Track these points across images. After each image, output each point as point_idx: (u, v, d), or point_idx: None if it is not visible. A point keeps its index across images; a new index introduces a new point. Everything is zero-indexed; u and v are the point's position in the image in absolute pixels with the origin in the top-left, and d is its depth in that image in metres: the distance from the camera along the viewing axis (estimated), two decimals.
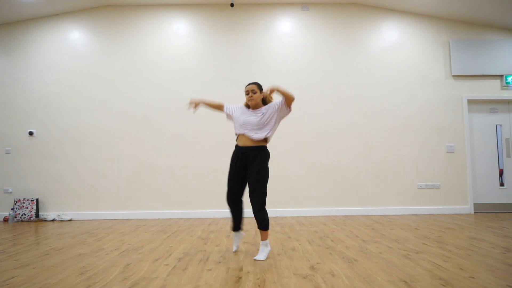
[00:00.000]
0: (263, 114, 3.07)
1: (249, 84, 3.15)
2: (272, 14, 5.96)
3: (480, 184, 5.87)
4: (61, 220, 5.58)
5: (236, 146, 3.14)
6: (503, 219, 5.11)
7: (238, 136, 3.13)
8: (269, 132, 3.06)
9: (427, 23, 6.00)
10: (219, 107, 3.36)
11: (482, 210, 5.83)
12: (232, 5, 5.83)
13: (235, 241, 3.24)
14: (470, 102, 5.93)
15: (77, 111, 5.81)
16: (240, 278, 2.42)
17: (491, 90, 5.92)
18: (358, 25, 5.97)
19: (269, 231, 4.25)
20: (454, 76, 5.92)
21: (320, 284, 2.27)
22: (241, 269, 2.63)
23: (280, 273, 2.53)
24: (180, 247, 3.43)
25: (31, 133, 5.78)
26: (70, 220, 5.61)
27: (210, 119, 5.74)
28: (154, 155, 5.75)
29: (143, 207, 5.68)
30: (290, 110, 3.13)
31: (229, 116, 3.30)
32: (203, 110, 5.76)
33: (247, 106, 3.22)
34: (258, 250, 3.24)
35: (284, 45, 5.92)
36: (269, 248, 3.00)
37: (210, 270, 2.62)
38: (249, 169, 2.99)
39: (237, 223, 3.17)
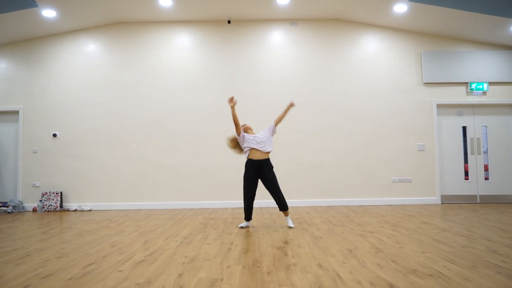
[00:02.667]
0: (261, 134, 4.47)
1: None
2: (265, 30, 6.77)
3: (447, 178, 6.70)
4: (82, 210, 6.47)
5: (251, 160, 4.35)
6: (463, 208, 5.95)
7: (251, 151, 4.37)
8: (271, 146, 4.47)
9: (402, 37, 6.80)
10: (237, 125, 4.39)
11: (448, 201, 6.67)
12: (229, 21, 6.68)
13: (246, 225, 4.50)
14: (439, 106, 6.74)
15: (94, 116, 6.68)
16: (230, 249, 3.28)
17: (458, 95, 6.72)
18: (341, 39, 6.77)
19: (259, 218, 5.12)
20: (425, 83, 6.72)
21: (288, 251, 3.12)
22: (232, 243, 3.49)
23: (260, 245, 3.39)
24: (186, 230, 4.29)
25: (54, 135, 6.65)
26: (90, 210, 6.50)
27: (209, 123, 6.60)
28: (162, 154, 6.61)
29: (153, 199, 6.56)
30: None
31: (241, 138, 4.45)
32: (203, 114, 6.62)
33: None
34: (248, 231, 4.12)
35: (275, 57, 6.74)
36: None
37: (209, 244, 3.48)
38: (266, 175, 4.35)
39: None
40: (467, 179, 6.74)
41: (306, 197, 6.55)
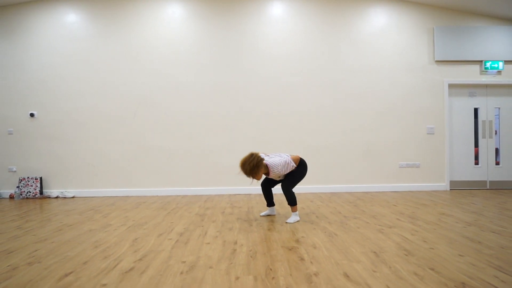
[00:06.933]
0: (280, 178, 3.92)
1: (242, 171, 3.63)
2: (264, 0, 6.14)
3: (457, 163, 6.32)
4: (65, 197, 5.92)
5: None
6: (475, 195, 5.59)
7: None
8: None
9: (413, 10, 6.24)
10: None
11: (457, 187, 6.31)
12: None
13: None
14: (451, 86, 6.28)
15: (76, 94, 6.04)
16: (235, 250, 2.81)
17: (471, 75, 6.26)
18: (347, 11, 6.19)
19: (261, 208, 4.66)
20: (437, 61, 6.23)
21: (303, 255, 2.67)
22: (235, 243, 3.03)
23: (269, 245, 2.93)
24: (180, 223, 3.81)
25: (32, 115, 6.01)
26: (73, 197, 5.96)
27: (204, 102, 6.03)
28: (152, 136, 6.05)
29: (142, 185, 6.04)
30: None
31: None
32: (197, 92, 6.04)
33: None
34: (251, 225, 3.66)
35: (276, 30, 6.14)
36: (297, 218, 3.86)
37: (209, 243, 3.01)
38: None
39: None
40: (477, 164, 6.37)
41: (308, 183, 6.10)
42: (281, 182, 3.90)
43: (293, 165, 3.76)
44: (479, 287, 2.04)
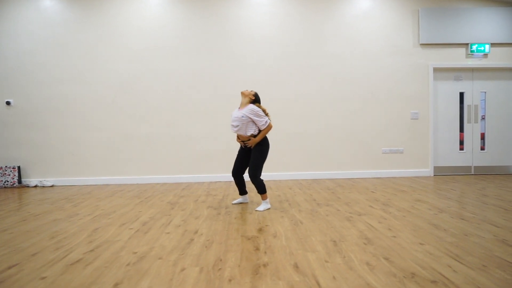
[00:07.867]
0: (243, 116, 3.65)
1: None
2: None
3: (441, 149, 6.22)
4: (43, 186, 5.86)
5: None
6: (458, 181, 5.52)
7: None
8: (252, 131, 3.70)
9: None
10: None
11: (441, 172, 6.23)
12: None
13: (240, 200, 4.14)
14: (436, 70, 6.14)
15: (53, 81, 5.91)
16: (192, 240, 2.74)
17: (457, 58, 6.11)
18: None
19: (236, 195, 4.59)
20: (421, 44, 6.08)
21: (260, 244, 2.60)
22: (196, 232, 2.96)
23: (229, 234, 2.86)
24: (148, 212, 3.75)
25: (8, 103, 5.89)
26: (52, 186, 5.89)
27: (184, 88, 5.91)
28: (132, 123, 5.94)
29: (122, 173, 5.97)
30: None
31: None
32: (177, 79, 5.91)
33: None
34: (219, 214, 3.60)
35: (258, 14, 5.97)
36: (268, 206, 3.80)
37: (168, 233, 2.94)
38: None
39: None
40: (462, 149, 6.28)
41: (290, 170, 6.03)
42: (248, 168, 3.80)
43: (267, 120, 3.69)
44: (428, 277, 1.97)
